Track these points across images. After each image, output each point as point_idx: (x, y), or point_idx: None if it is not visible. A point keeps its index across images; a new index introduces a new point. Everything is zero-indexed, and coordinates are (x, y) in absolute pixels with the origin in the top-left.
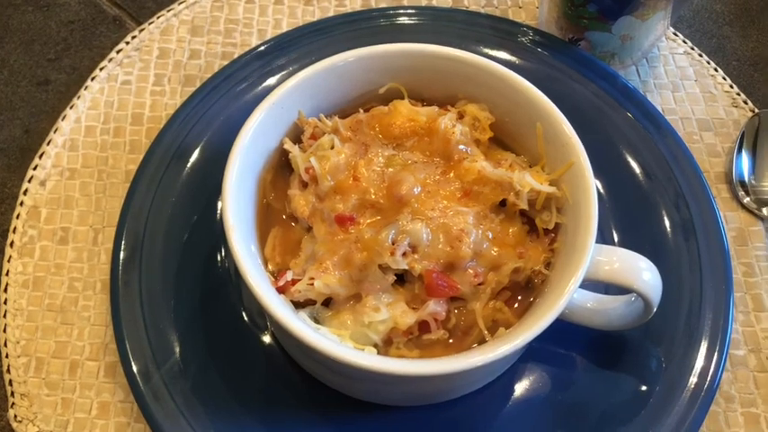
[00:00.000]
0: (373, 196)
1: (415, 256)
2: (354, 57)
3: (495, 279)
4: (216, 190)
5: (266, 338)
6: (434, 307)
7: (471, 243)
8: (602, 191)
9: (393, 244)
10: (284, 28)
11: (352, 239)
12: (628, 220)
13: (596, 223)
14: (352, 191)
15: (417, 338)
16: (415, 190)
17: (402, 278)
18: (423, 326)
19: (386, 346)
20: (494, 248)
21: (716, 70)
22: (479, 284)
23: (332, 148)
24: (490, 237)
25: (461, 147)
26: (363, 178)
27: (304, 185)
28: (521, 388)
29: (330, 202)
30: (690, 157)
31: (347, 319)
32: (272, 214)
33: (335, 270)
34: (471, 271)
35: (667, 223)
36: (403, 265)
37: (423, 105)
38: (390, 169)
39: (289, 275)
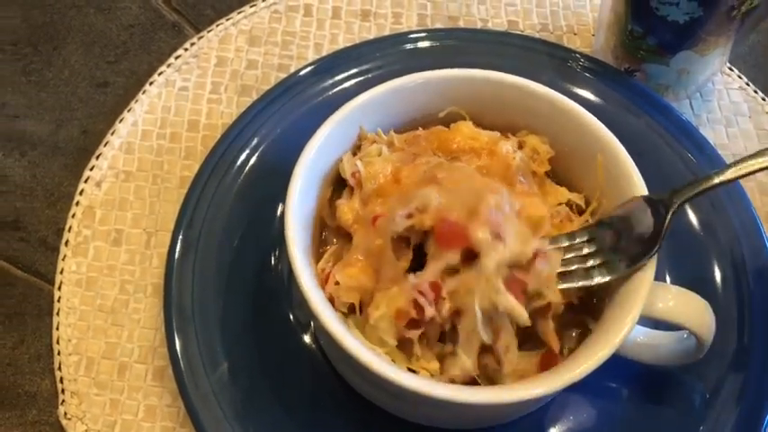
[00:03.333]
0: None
1: (425, 215)
2: (423, 79)
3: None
4: (271, 202)
5: (316, 354)
6: (414, 279)
7: (500, 197)
8: None
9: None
10: (340, 43)
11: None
12: (678, 257)
13: (655, 261)
14: (393, 193)
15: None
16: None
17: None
18: (418, 309)
19: (403, 350)
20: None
21: None
22: (498, 237)
23: (379, 155)
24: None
25: (520, 178)
26: (404, 182)
27: (351, 193)
28: (564, 418)
29: (372, 205)
30: (743, 195)
31: (365, 323)
32: (329, 231)
33: (357, 262)
34: (492, 218)
35: (718, 261)
36: (405, 224)
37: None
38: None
39: None
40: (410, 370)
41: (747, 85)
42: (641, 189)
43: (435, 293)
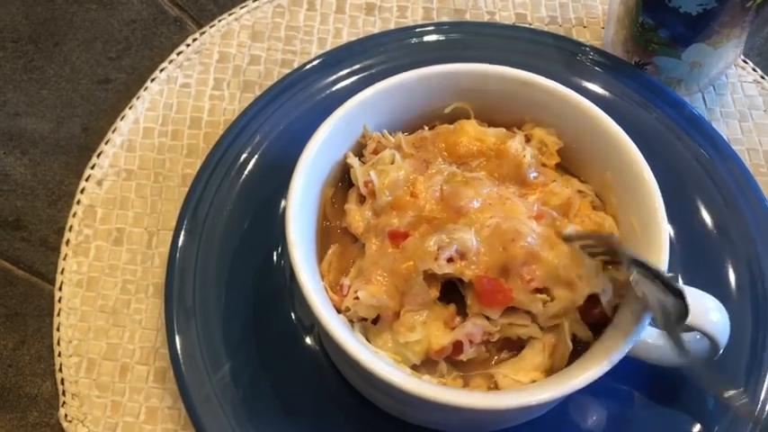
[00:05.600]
0: (429, 213)
1: (464, 263)
2: (428, 74)
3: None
4: (274, 200)
5: (319, 355)
6: (471, 328)
7: (525, 244)
8: None
9: (439, 250)
10: (344, 38)
11: (402, 252)
12: (690, 255)
13: (667, 262)
14: (409, 207)
15: (465, 363)
16: (475, 203)
17: (454, 294)
18: (456, 346)
19: (426, 367)
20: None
21: None
22: (535, 290)
23: (392, 163)
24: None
25: (532, 172)
26: (421, 196)
27: (361, 200)
28: (573, 420)
29: (386, 217)
30: (758, 191)
31: (388, 339)
32: (331, 231)
33: (382, 280)
34: (526, 274)
35: (732, 259)
36: (447, 269)
37: (488, 127)
38: (448, 185)
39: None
40: None
41: (762, 78)
42: (651, 186)
43: (485, 337)
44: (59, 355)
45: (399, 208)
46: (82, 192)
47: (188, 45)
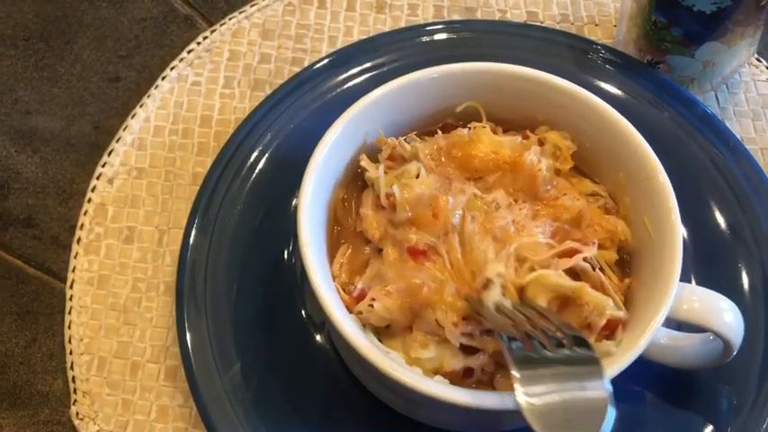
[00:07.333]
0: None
1: (488, 338)
2: (439, 73)
3: None
4: (284, 198)
5: (329, 353)
6: (484, 360)
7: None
8: None
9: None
10: (355, 36)
11: (423, 274)
12: (703, 255)
13: (680, 263)
14: (429, 227)
15: None
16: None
17: None
18: (466, 371)
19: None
20: None
21: None
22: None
23: (417, 176)
24: None
25: (546, 187)
26: (442, 215)
27: (377, 206)
28: None
29: (404, 231)
30: None
31: (398, 348)
32: (341, 231)
33: (399, 296)
34: None
35: (745, 260)
36: (464, 341)
37: (500, 128)
38: (471, 213)
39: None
40: None
41: None
42: (665, 187)
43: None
44: (71, 353)
45: (419, 226)
46: (93, 190)
47: (198, 43)
